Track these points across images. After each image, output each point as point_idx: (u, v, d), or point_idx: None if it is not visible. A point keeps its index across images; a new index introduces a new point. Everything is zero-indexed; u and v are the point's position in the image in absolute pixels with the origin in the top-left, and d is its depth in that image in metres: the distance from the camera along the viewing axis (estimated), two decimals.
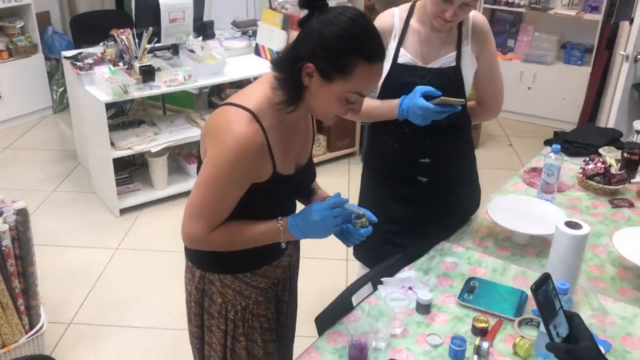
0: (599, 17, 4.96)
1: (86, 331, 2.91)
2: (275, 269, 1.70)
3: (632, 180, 2.43)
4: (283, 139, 1.48)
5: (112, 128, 3.76)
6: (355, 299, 1.78)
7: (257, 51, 4.35)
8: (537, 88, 5.35)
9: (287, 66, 1.39)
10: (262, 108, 1.42)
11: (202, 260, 1.65)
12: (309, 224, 1.47)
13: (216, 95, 4.59)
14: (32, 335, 2.50)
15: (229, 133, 1.38)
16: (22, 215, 2.31)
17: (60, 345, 2.81)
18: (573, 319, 1.14)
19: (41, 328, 2.55)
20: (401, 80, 1.98)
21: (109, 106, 3.68)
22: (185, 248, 1.68)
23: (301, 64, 1.36)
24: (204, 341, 1.74)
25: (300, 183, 1.65)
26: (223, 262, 1.61)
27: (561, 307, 1.15)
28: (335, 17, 1.34)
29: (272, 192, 1.50)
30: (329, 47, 1.34)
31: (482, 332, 1.60)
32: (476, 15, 2.01)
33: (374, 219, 1.54)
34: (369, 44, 1.37)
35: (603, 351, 1.48)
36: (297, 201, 1.73)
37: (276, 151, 1.46)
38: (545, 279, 1.13)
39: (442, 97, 1.81)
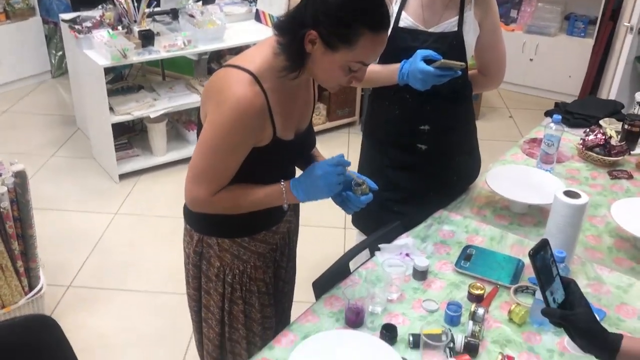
0: None
1: (85, 294, 2.93)
2: (274, 234, 1.71)
3: (631, 152, 2.43)
4: (284, 103, 1.47)
5: (111, 93, 3.73)
6: (352, 265, 1.79)
7: (258, 17, 4.29)
8: (539, 60, 5.31)
9: (290, 32, 1.37)
10: (264, 71, 1.40)
11: (201, 224, 1.65)
12: (311, 180, 1.46)
13: (216, 62, 4.55)
14: (31, 296, 2.53)
15: (229, 95, 1.37)
16: (21, 177, 2.31)
17: (59, 307, 2.84)
18: (569, 286, 1.15)
19: (40, 290, 2.57)
20: (402, 45, 1.96)
21: (107, 71, 3.65)
22: (184, 211, 1.68)
23: (304, 31, 1.34)
24: (201, 304, 1.76)
25: (300, 149, 1.65)
26: (221, 225, 1.62)
27: (558, 273, 1.16)
28: None
29: (272, 157, 1.50)
30: (332, 15, 1.32)
31: (477, 299, 1.62)
32: None
33: (374, 186, 1.54)
34: (373, 12, 1.34)
35: (598, 319, 1.51)
36: (297, 168, 1.73)
37: (276, 115, 1.45)
38: (544, 244, 1.14)
39: (442, 60, 1.79)
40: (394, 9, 1.98)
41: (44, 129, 4.52)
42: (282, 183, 1.49)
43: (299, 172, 1.71)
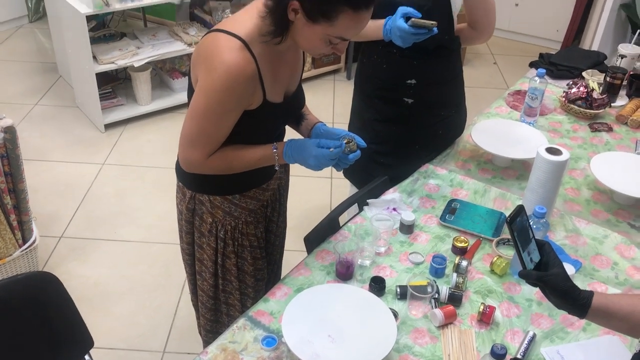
0: None
1: (77, 244, 2.99)
2: (265, 191, 1.75)
3: (612, 105, 2.49)
4: (273, 67, 1.49)
5: (93, 41, 3.67)
6: (342, 220, 1.85)
7: None
8: (524, 5, 5.28)
9: (275, 2, 1.37)
10: (253, 36, 1.42)
11: (192, 181, 1.69)
12: (304, 156, 1.51)
13: (198, 7, 4.47)
14: (25, 249, 2.57)
15: (220, 61, 1.38)
16: (10, 132, 2.31)
17: (52, 258, 2.90)
18: (544, 248, 1.22)
19: (34, 242, 2.61)
20: (388, 0, 1.96)
21: (89, 18, 3.58)
22: (177, 168, 1.71)
23: (287, 0, 1.35)
24: (195, 257, 1.82)
25: (289, 110, 1.67)
26: (213, 183, 1.66)
27: (533, 235, 1.23)
28: None
29: (262, 120, 1.53)
30: None
31: (461, 251, 1.70)
32: None
33: (363, 144, 1.58)
34: None
35: (574, 270, 1.60)
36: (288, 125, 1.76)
37: (266, 79, 1.48)
38: (519, 211, 1.20)
39: (413, 19, 1.81)
40: None
41: (24, 77, 4.45)
42: (275, 149, 1.53)
43: (288, 130, 1.75)
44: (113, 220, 3.15)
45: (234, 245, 1.75)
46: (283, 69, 1.55)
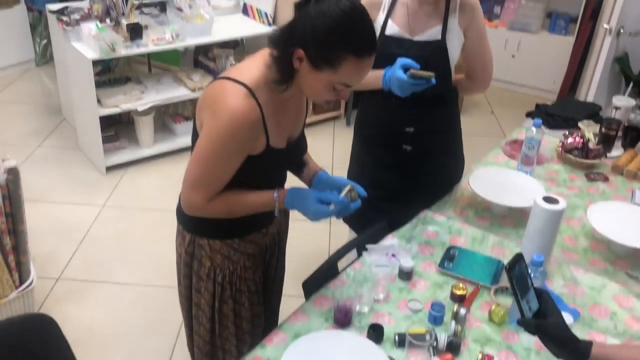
0: None
1: (74, 286, 2.97)
2: (264, 236, 1.76)
3: (608, 155, 2.52)
4: (277, 114, 1.53)
5: (99, 85, 3.74)
6: (340, 265, 1.86)
7: (245, 10, 4.31)
8: (521, 56, 5.40)
9: (281, 46, 1.42)
10: (258, 84, 1.46)
11: (193, 224, 1.70)
12: (303, 211, 1.54)
13: (202, 54, 4.57)
14: (22, 290, 2.56)
15: (225, 107, 1.42)
16: (13, 174, 2.33)
17: (48, 299, 2.88)
18: (542, 296, 1.23)
19: (31, 283, 2.60)
20: (388, 51, 2.02)
21: (95, 63, 3.66)
22: (177, 211, 1.73)
23: (292, 48, 1.39)
24: (192, 301, 1.81)
25: (291, 157, 1.70)
26: (212, 227, 1.67)
27: (532, 283, 1.24)
28: (329, 7, 1.35)
29: (265, 165, 1.56)
30: (318, 38, 1.36)
31: (460, 299, 1.70)
32: None
33: (363, 193, 1.61)
34: (358, 40, 1.37)
35: (572, 319, 1.60)
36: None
37: (270, 126, 1.51)
38: (518, 259, 1.21)
39: (411, 70, 1.86)
40: (381, 16, 2.04)
41: (29, 118, 4.52)
42: (276, 196, 1.55)
43: (289, 177, 1.77)
44: (110, 262, 3.15)
45: (232, 290, 1.74)
46: (287, 115, 1.59)
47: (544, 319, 1.19)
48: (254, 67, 1.48)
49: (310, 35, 1.37)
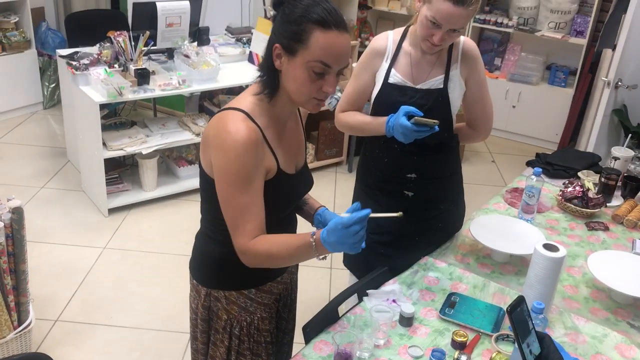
0: (583, 42, 5.11)
1: (72, 329, 2.95)
2: (278, 284, 1.74)
3: (608, 204, 2.54)
4: (279, 137, 1.55)
5: (104, 128, 3.80)
6: (341, 310, 1.85)
7: (251, 59, 4.41)
8: (521, 107, 5.49)
9: (264, 59, 1.49)
10: (254, 108, 1.49)
11: (208, 278, 1.68)
12: (331, 244, 1.40)
13: (207, 100, 4.65)
14: (20, 331, 2.54)
15: (227, 135, 1.43)
16: (18, 213, 2.35)
17: (46, 341, 2.85)
18: (544, 340, 1.23)
19: (29, 324, 2.59)
20: (391, 99, 2.07)
21: (102, 107, 3.72)
22: (191, 266, 1.72)
23: (270, 48, 1.45)
24: (207, 355, 1.76)
25: (303, 183, 1.69)
26: (228, 278, 1.65)
27: (533, 327, 1.24)
28: (294, 1, 1.43)
29: (281, 191, 1.55)
30: (285, 20, 1.43)
31: (461, 346, 1.69)
32: (467, 41, 2.10)
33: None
34: (320, 11, 1.41)
35: None
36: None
37: (276, 148, 1.53)
38: (520, 301, 1.22)
39: (415, 118, 1.90)
40: (384, 65, 2.09)
41: (34, 160, 4.56)
42: (313, 237, 1.42)
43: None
44: (109, 305, 3.13)
45: (250, 342, 1.71)
46: (289, 139, 1.61)
47: None
48: (247, 97, 1.52)
49: (279, 24, 1.44)
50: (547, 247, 1.76)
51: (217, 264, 1.65)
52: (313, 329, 1.73)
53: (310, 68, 1.43)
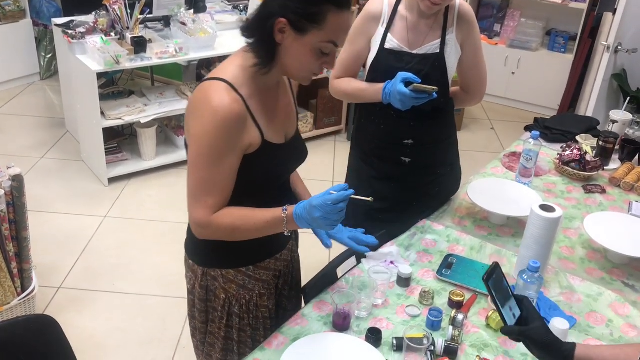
0: (584, 6, 5.05)
1: (75, 295, 2.99)
2: (277, 261, 1.71)
3: (605, 168, 2.55)
4: (265, 106, 1.49)
5: (102, 97, 3.79)
6: (340, 271, 1.88)
7: None
8: (520, 73, 5.46)
9: (258, 27, 1.40)
10: (238, 77, 1.42)
11: (204, 257, 1.64)
12: (312, 219, 1.42)
13: (205, 68, 4.62)
14: (23, 297, 2.58)
15: (208, 105, 1.38)
16: (18, 181, 2.37)
17: (49, 308, 2.89)
18: (523, 302, 1.25)
19: (33, 291, 2.62)
20: (387, 65, 2.06)
21: (99, 76, 3.70)
22: (186, 246, 1.68)
23: (272, 20, 1.36)
24: (207, 332, 1.74)
25: (295, 152, 1.64)
26: (225, 256, 1.62)
27: (512, 292, 1.26)
28: None
29: (266, 163, 1.50)
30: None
31: (457, 305, 1.71)
32: (462, 5, 2.07)
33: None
34: None
35: (569, 325, 1.62)
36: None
37: (260, 119, 1.46)
38: (494, 268, 1.24)
39: (414, 84, 1.89)
40: (380, 30, 2.08)
41: (32, 131, 4.56)
42: (285, 212, 1.45)
43: None
44: (112, 272, 3.16)
45: (249, 318, 1.69)
46: (276, 108, 1.55)
47: (526, 324, 1.22)
48: (231, 65, 1.45)
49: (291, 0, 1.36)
50: (544, 207, 1.78)
51: (213, 242, 1.55)
52: (312, 290, 1.76)
53: (319, 47, 1.40)
